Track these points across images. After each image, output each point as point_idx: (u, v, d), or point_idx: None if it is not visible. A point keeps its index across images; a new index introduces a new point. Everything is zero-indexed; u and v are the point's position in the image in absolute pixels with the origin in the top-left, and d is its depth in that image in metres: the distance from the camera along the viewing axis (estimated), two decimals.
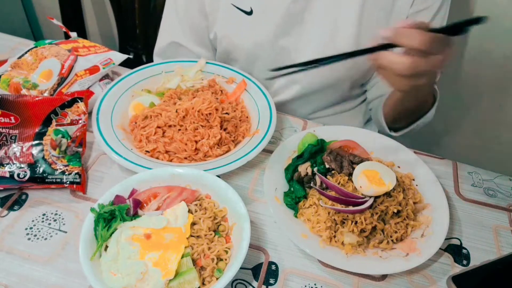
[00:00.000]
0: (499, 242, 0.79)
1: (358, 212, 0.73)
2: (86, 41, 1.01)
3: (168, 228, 0.67)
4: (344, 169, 0.80)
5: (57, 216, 0.75)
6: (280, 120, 0.97)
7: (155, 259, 0.63)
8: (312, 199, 0.77)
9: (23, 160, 0.75)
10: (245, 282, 0.69)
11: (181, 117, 0.85)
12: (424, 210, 0.79)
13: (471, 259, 0.76)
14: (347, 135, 0.90)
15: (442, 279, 0.72)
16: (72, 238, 0.72)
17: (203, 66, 1.01)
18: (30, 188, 0.78)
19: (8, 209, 0.75)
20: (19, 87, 0.88)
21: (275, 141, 0.93)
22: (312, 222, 0.75)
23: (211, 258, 0.65)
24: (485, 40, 1.26)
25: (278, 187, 0.80)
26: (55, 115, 0.79)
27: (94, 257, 0.63)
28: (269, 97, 0.93)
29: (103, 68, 0.93)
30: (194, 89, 0.98)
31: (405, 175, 0.84)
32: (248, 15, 0.97)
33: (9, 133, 0.76)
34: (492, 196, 0.87)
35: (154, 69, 0.99)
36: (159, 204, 0.71)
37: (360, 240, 0.72)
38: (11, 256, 0.69)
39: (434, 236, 0.73)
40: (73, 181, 0.76)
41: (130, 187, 0.72)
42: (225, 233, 0.70)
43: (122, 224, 0.67)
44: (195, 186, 0.74)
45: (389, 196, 0.76)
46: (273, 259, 0.73)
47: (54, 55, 0.93)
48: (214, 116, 0.86)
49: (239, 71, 1.00)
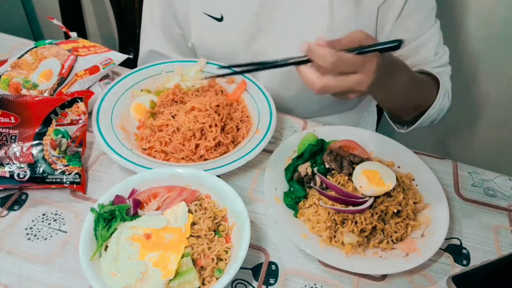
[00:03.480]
0: (499, 242, 0.79)
1: (358, 212, 0.73)
2: (86, 41, 1.01)
3: (168, 228, 0.67)
4: (344, 169, 0.80)
5: (57, 216, 0.75)
6: (280, 120, 0.97)
7: (155, 259, 0.63)
8: (312, 199, 0.77)
9: (23, 160, 0.75)
10: (245, 282, 0.69)
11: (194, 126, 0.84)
12: (424, 210, 0.79)
13: (471, 259, 0.76)
14: (347, 135, 0.90)
15: (442, 279, 0.72)
16: (72, 238, 0.72)
17: (203, 66, 1.01)
18: (30, 188, 0.78)
19: (8, 209, 0.75)
20: (19, 87, 0.88)
21: (275, 141, 0.93)
22: (312, 222, 0.75)
23: (211, 258, 0.65)
24: (485, 40, 1.26)
25: (278, 187, 0.80)
26: (55, 115, 0.79)
27: (94, 257, 0.63)
28: (269, 97, 0.93)
29: (103, 68, 0.93)
30: (194, 89, 0.98)
31: (405, 175, 0.84)
32: (219, 22, 0.98)
33: (9, 133, 0.76)
34: (492, 196, 0.87)
35: (154, 69, 0.99)
36: (159, 204, 0.71)
37: (360, 240, 0.72)
38: (11, 256, 0.69)
39: (434, 236, 0.73)
40: (73, 181, 0.76)
41: (130, 187, 0.72)
42: (225, 233, 0.70)
43: (122, 224, 0.67)
44: (195, 186, 0.74)
45: (389, 196, 0.76)
46: (273, 259, 0.73)
47: (54, 55, 0.93)
48: (215, 118, 0.86)
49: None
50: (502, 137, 1.47)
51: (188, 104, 0.87)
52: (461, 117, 1.47)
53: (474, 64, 1.33)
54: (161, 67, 0.99)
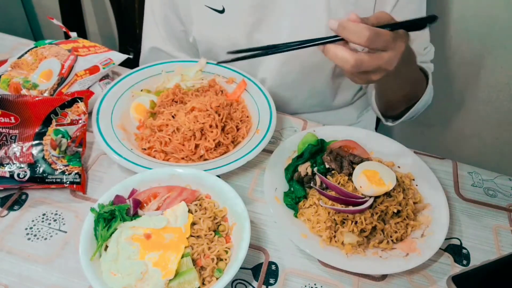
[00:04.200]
0: (499, 242, 0.79)
1: (358, 212, 0.73)
2: (86, 41, 1.01)
3: (168, 228, 0.67)
4: (344, 169, 0.80)
5: (57, 216, 0.75)
6: (280, 120, 0.97)
7: (155, 259, 0.63)
8: (312, 199, 0.77)
9: (23, 160, 0.75)
10: (245, 282, 0.69)
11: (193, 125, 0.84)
12: (424, 210, 0.79)
13: (471, 259, 0.76)
14: (347, 135, 0.90)
15: (442, 279, 0.72)
16: (72, 238, 0.72)
17: (203, 66, 1.01)
18: (30, 188, 0.78)
19: (8, 209, 0.75)
20: (19, 87, 0.88)
21: (275, 141, 0.93)
22: (312, 222, 0.75)
23: (211, 258, 0.65)
24: (486, 41, 1.26)
25: (278, 187, 0.80)
26: (55, 115, 0.79)
27: (94, 257, 0.63)
28: (269, 97, 0.93)
29: (103, 68, 0.93)
30: (194, 89, 0.98)
31: (405, 175, 0.84)
32: (220, 14, 0.98)
33: (9, 133, 0.76)
34: (492, 196, 0.87)
35: (154, 69, 0.99)
36: (159, 204, 0.72)
37: (360, 240, 0.72)
38: (11, 256, 0.69)
39: (434, 236, 0.73)
40: (73, 181, 0.76)
41: (130, 187, 0.72)
42: (225, 233, 0.70)
43: (122, 224, 0.67)
44: (195, 186, 0.74)
45: (389, 196, 0.76)
46: (273, 259, 0.73)
47: (54, 55, 0.93)
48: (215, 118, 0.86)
49: (239, 71, 1.00)
50: (502, 137, 1.47)
51: (189, 104, 0.87)
52: (461, 117, 1.47)
53: (474, 64, 1.33)
54: (161, 67, 0.99)
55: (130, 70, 0.97)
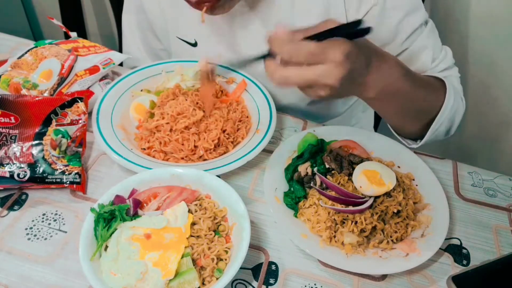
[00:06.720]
0: (499, 242, 0.79)
1: (358, 212, 0.73)
2: (86, 41, 1.01)
3: (168, 228, 0.67)
4: (344, 169, 0.80)
5: (57, 216, 0.75)
6: (280, 120, 0.97)
7: (155, 259, 0.63)
8: (312, 199, 0.77)
9: (23, 160, 0.75)
10: (245, 282, 0.69)
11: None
12: (424, 210, 0.79)
13: (471, 259, 0.76)
14: (347, 135, 0.90)
15: (442, 279, 0.72)
16: (72, 238, 0.72)
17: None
18: (30, 188, 0.78)
19: (8, 209, 0.75)
20: (19, 87, 0.88)
21: (275, 141, 0.93)
22: (312, 222, 0.75)
23: (211, 258, 0.65)
24: (485, 40, 1.26)
25: (278, 187, 0.80)
26: (55, 115, 0.79)
27: (94, 257, 0.63)
28: (269, 97, 0.93)
29: (103, 68, 0.93)
30: (194, 89, 0.98)
31: (405, 175, 0.84)
32: (193, 47, 0.99)
33: (9, 133, 0.76)
34: (492, 196, 0.87)
35: (154, 69, 0.99)
36: (159, 204, 0.72)
37: (360, 240, 0.72)
38: (11, 256, 0.69)
39: (434, 236, 0.73)
40: (73, 181, 0.76)
41: (130, 187, 0.72)
42: (225, 233, 0.70)
43: (122, 224, 0.67)
44: (195, 186, 0.74)
45: (389, 196, 0.76)
46: (273, 259, 0.73)
47: (54, 55, 0.93)
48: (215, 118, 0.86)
49: (239, 71, 1.00)
50: (502, 137, 1.47)
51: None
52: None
53: (473, 64, 1.33)
54: (161, 67, 0.99)
55: (130, 70, 0.97)
